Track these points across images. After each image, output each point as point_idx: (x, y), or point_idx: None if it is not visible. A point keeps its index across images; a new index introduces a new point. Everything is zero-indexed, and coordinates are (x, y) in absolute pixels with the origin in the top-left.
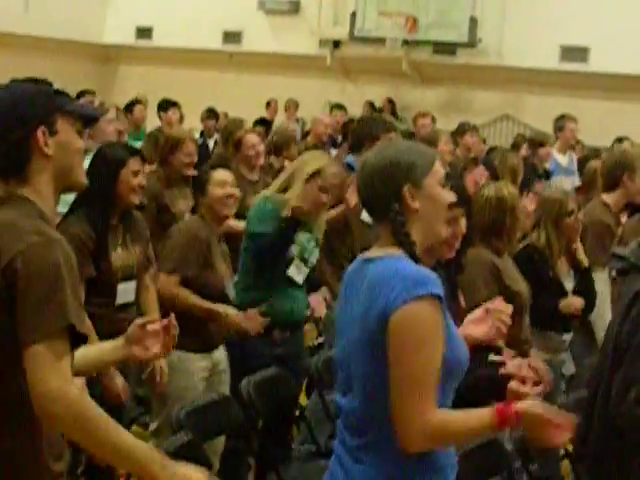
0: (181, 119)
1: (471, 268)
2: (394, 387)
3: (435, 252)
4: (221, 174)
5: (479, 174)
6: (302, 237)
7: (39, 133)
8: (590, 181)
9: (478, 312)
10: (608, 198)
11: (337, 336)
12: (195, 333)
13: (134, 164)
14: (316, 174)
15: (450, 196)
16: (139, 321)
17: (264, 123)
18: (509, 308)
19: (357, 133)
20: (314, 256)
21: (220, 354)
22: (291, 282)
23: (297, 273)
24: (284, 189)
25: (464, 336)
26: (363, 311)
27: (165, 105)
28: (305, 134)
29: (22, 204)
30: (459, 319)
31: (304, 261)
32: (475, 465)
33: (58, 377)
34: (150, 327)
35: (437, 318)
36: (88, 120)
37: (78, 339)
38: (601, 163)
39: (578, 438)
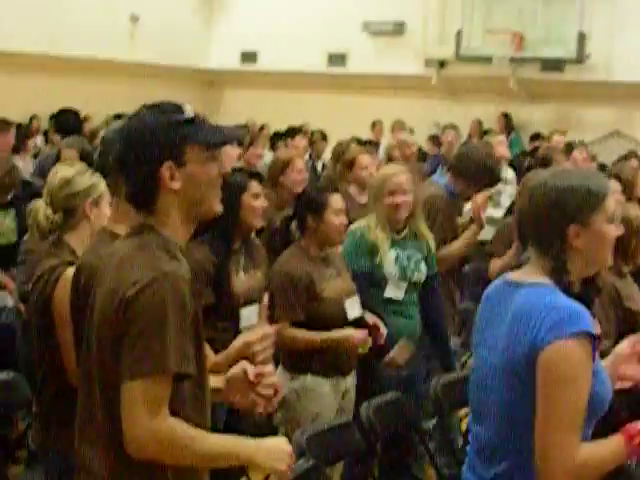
0: None
1: None
2: (541, 423)
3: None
4: (339, 202)
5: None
6: (402, 254)
7: (164, 169)
8: None
9: (625, 347)
10: None
11: (475, 356)
12: (326, 357)
13: (254, 187)
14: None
15: (617, 231)
16: (241, 366)
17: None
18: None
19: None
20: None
21: (352, 379)
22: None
23: (396, 291)
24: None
25: (617, 374)
26: (508, 339)
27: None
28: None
29: (148, 235)
30: None
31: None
32: None
33: (147, 416)
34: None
35: (587, 356)
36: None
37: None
38: None
39: None
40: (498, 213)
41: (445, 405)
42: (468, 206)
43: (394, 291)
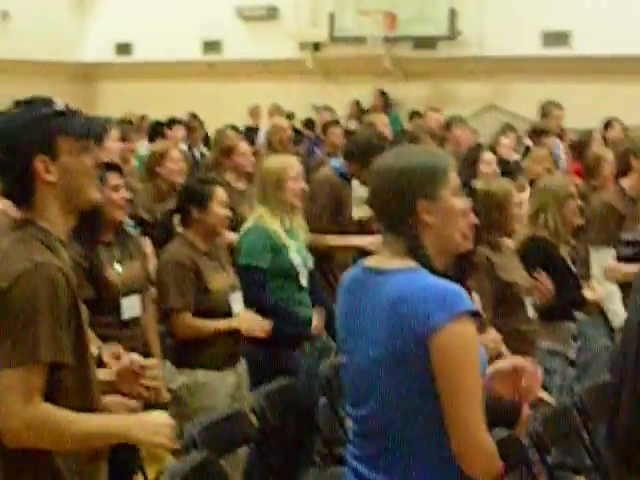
0: None
1: None
2: (451, 406)
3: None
4: (224, 193)
5: None
6: (294, 245)
7: (37, 163)
8: (594, 166)
9: (506, 365)
10: (624, 182)
11: (346, 349)
12: (215, 349)
13: (112, 179)
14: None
15: (464, 204)
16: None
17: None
18: (538, 371)
19: (356, 143)
20: (311, 260)
21: (243, 368)
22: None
23: (305, 281)
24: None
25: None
26: (387, 328)
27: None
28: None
29: (28, 229)
30: None
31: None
32: None
33: (19, 405)
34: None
35: (475, 333)
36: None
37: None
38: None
39: (607, 424)
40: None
41: (334, 385)
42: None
43: (304, 280)
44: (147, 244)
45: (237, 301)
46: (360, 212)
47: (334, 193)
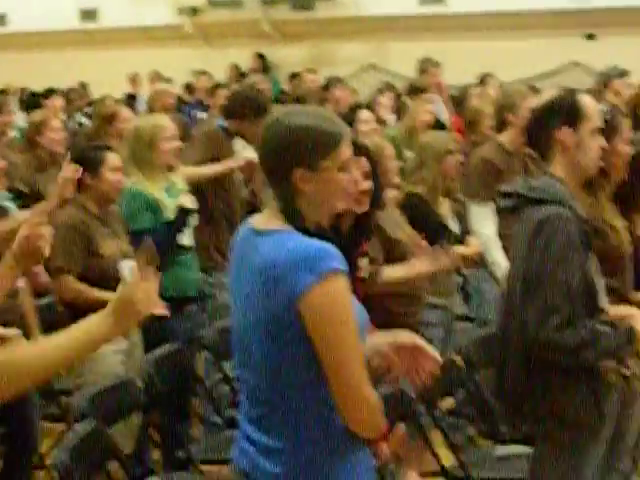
0: None
1: None
2: (332, 366)
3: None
4: (116, 159)
5: None
6: (171, 203)
7: None
8: (473, 120)
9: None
10: (501, 138)
11: (233, 310)
12: None
13: None
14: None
15: (350, 179)
16: None
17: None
18: (414, 339)
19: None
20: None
21: (137, 338)
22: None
23: (187, 241)
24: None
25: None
26: (260, 292)
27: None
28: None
29: None
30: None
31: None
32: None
33: None
34: None
35: (348, 291)
36: None
37: None
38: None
39: (495, 373)
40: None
41: (222, 350)
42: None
43: (186, 239)
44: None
45: (127, 268)
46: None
47: (213, 144)
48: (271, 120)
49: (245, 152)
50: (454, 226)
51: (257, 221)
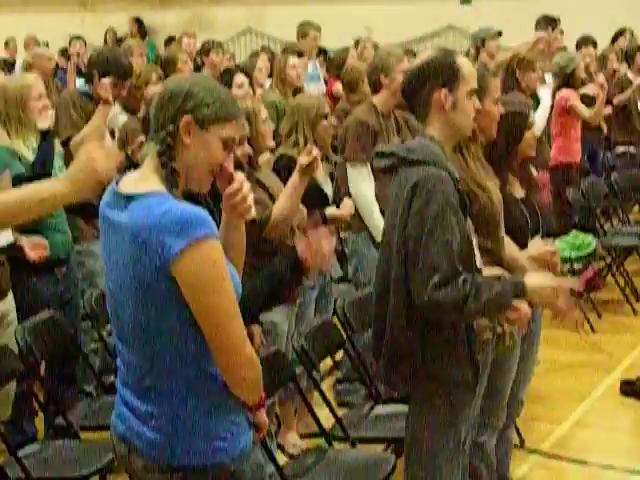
0: None
1: None
2: (208, 332)
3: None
4: None
5: None
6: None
7: None
8: (352, 81)
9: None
10: (375, 99)
11: (106, 276)
12: None
13: None
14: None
15: (222, 157)
16: None
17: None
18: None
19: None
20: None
21: (8, 304)
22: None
23: None
24: None
25: None
26: (131, 258)
27: None
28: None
29: None
30: None
31: None
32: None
33: None
34: None
35: (219, 253)
36: None
37: None
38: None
39: (374, 334)
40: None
41: (101, 318)
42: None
43: None
44: None
45: (4, 239)
46: None
47: (69, 109)
48: (181, 77)
49: (120, 117)
50: (328, 189)
51: (125, 184)
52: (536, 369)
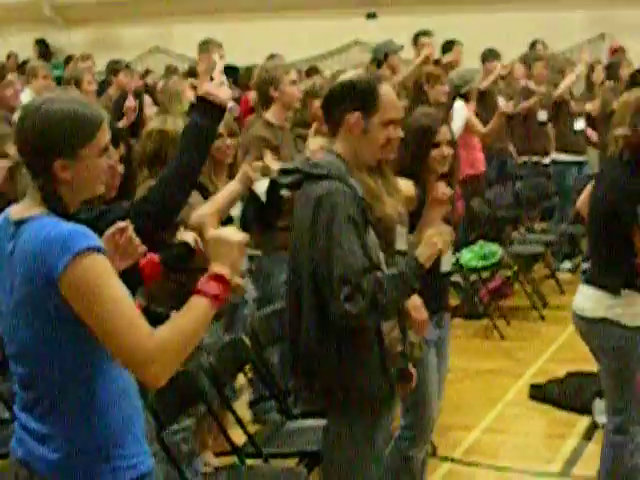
0: None
1: None
2: (107, 341)
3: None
4: None
5: None
6: None
7: None
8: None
9: None
10: (268, 115)
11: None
12: None
13: None
14: None
15: (106, 163)
16: None
17: None
18: None
19: None
20: None
21: None
22: None
23: None
24: None
25: None
26: (22, 281)
27: None
28: None
29: None
30: None
31: None
32: (172, 399)
33: None
34: None
35: (104, 264)
36: None
37: None
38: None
39: (288, 349)
40: None
41: None
42: None
43: None
44: None
45: None
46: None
47: None
48: (32, 106)
49: None
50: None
51: (14, 210)
52: (447, 377)
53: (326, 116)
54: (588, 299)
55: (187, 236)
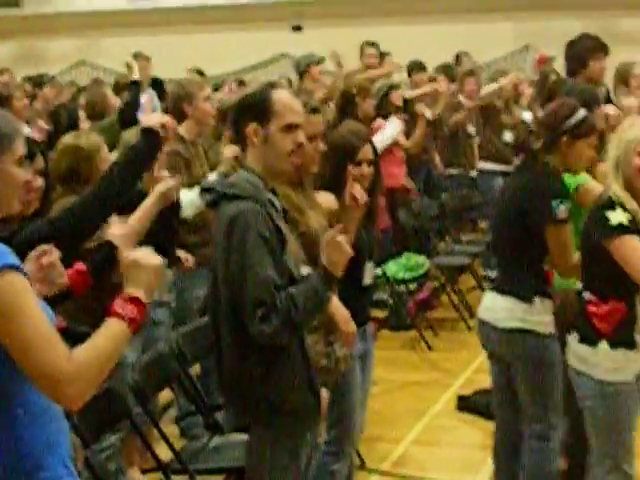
0: None
1: None
2: (21, 362)
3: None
4: None
5: None
6: None
7: None
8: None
9: None
10: (181, 130)
11: None
12: None
13: None
14: None
15: (25, 175)
16: None
17: None
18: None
19: None
20: None
21: None
22: None
23: None
24: None
25: None
26: None
27: None
28: None
29: None
30: None
31: None
32: (95, 417)
33: None
34: None
35: (22, 283)
36: None
37: None
38: None
39: (214, 366)
40: None
41: None
42: None
43: None
44: None
45: None
46: None
47: None
48: None
49: None
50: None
51: None
52: (373, 390)
53: (234, 133)
54: (501, 309)
55: (107, 234)
